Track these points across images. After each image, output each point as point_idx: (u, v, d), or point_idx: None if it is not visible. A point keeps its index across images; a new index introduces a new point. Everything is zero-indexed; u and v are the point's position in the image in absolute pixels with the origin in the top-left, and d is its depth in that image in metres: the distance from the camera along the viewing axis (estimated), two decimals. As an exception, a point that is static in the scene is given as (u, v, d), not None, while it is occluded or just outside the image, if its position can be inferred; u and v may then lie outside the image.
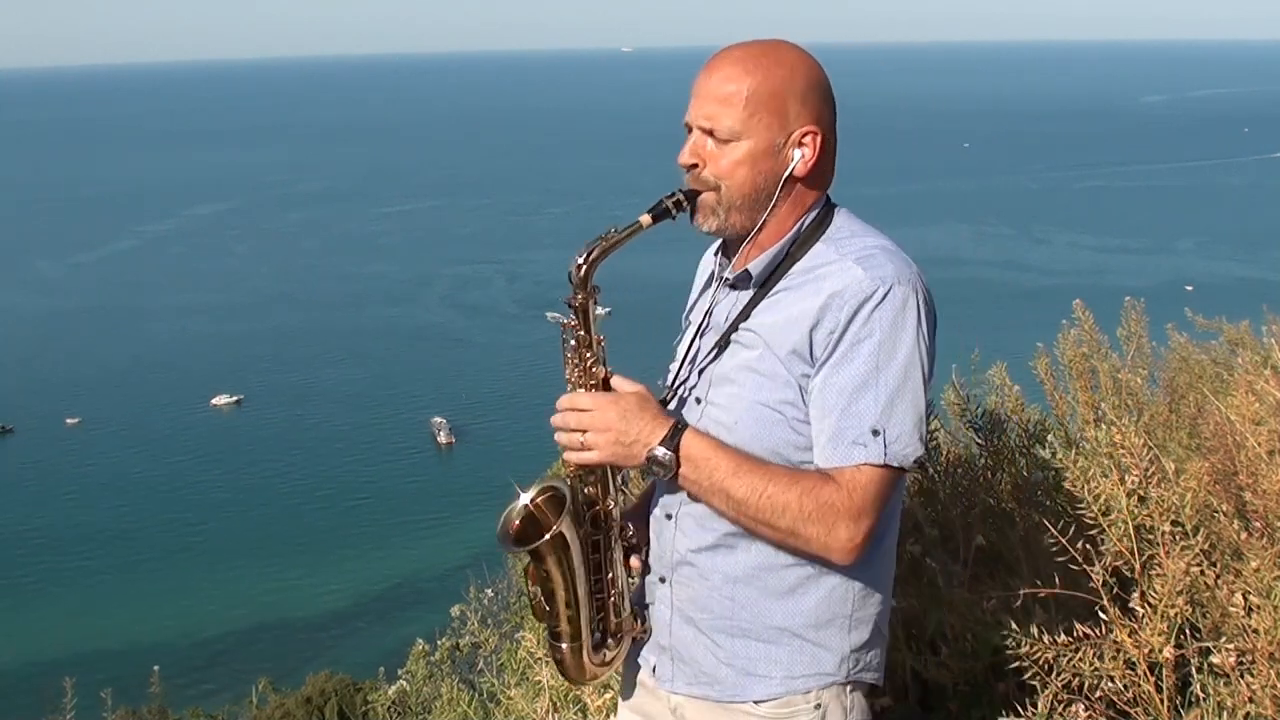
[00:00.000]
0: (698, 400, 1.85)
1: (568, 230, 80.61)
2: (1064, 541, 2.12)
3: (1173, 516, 2.08)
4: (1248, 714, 2.01)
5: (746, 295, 1.83)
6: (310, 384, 49.03)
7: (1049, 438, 2.86)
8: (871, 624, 1.84)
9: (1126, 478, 2.11)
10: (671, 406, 1.88)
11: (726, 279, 1.87)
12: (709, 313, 1.89)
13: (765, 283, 1.81)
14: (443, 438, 42.23)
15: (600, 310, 1.81)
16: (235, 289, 64.83)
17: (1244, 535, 2.16)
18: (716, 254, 1.94)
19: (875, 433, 1.68)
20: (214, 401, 46.31)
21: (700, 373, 1.86)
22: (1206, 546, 2.11)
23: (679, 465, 1.74)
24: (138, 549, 33.83)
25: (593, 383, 1.81)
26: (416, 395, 46.99)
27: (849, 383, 1.69)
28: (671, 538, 1.86)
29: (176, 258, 73.78)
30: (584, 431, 1.77)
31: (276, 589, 30.74)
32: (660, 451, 1.73)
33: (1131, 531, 2.11)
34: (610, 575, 1.89)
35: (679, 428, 1.75)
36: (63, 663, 21.94)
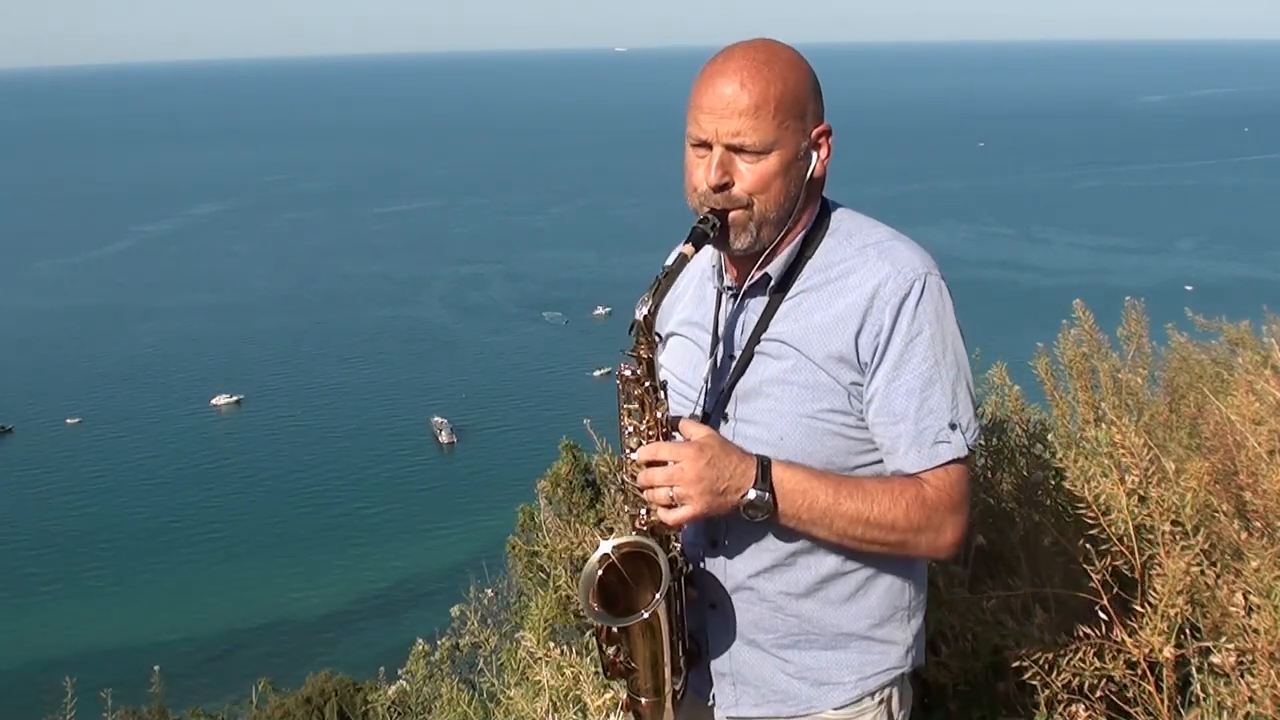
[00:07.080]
0: (725, 419, 1.75)
1: (567, 230, 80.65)
2: (1064, 541, 2.12)
3: (1173, 516, 2.08)
4: (1248, 714, 2.01)
5: (761, 303, 1.75)
6: (310, 384, 48.97)
7: (1049, 438, 2.86)
8: (923, 610, 1.85)
9: (1126, 478, 2.11)
10: None
11: (731, 288, 1.78)
12: (718, 326, 1.79)
13: (781, 286, 1.73)
14: (444, 438, 42.16)
15: (601, 310, 1.74)
16: (235, 289, 64.77)
17: (1244, 535, 2.16)
18: (715, 266, 1.82)
19: (953, 426, 1.67)
20: (214, 401, 46.28)
21: (722, 391, 1.76)
22: (1206, 546, 2.11)
23: (776, 504, 1.64)
24: (138, 549, 33.79)
25: (664, 432, 1.67)
26: (417, 395, 46.94)
27: (915, 382, 1.66)
28: (722, 565, 1.78)
29: (176, 258, 73.72)
30: (672, 486, 1.63)
31: (276, 589, 30.71)
32: (754, 494, 1.62)
33: (1131, 531, 2.11)
34: (685, 619, 1.80)
35: (765, 464, 1.64)
36: (63, 663, 21.90)
